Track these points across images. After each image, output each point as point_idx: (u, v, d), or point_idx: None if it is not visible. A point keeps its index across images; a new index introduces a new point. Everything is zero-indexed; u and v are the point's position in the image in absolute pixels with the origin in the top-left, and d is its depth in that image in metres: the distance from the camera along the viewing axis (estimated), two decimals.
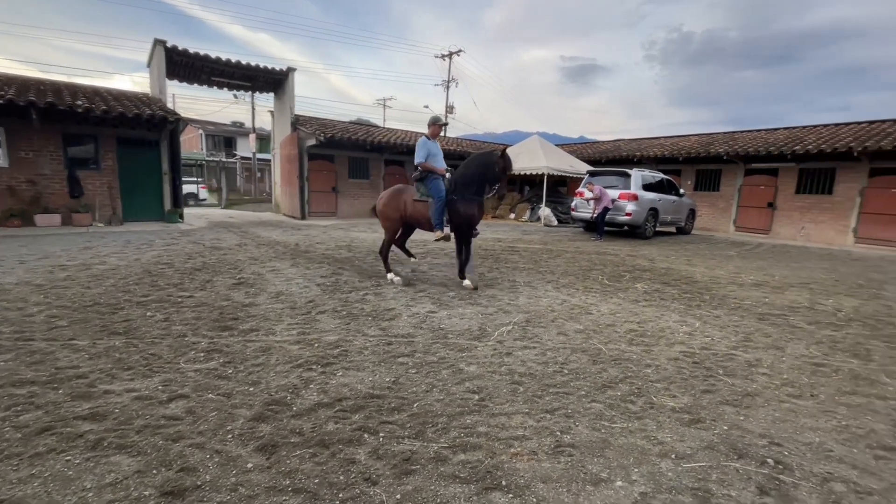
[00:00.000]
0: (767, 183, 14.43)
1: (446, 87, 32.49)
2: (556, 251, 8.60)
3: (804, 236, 13.42)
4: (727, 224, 15.44)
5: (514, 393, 2.60)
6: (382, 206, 5.42)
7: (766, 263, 8.17)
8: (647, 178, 11.64)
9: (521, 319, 4.03)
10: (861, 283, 6.54)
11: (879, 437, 2.27)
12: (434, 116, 5.44)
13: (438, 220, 5.07)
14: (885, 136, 12.17)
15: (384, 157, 17.03)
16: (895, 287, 6.31)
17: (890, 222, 11.92)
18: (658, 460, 2.00)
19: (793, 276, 6.91)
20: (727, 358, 3.29)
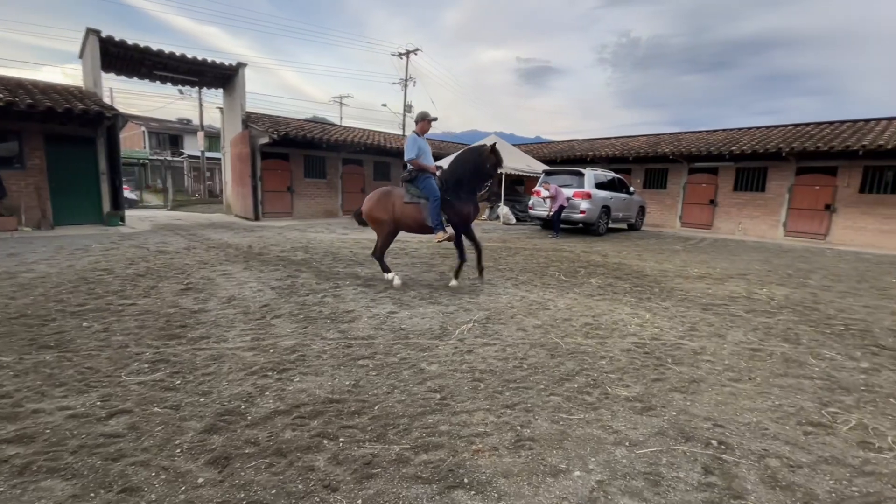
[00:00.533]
0: (709, 181, 15.37)
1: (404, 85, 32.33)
2: (514, 249, 8.76)
3: (741, 231, 14.41)
4: (674, 220, 16.31)
5: (476, 390, 2.62)
6: (370, 209, 5.13)
7: (708, 257, 8.70)
8: (599, 177, 12.10)
9: (481, 317, 4.07)
10: (790, 272, 7.10)
11: (807, 413, 2.47)
12: (423, 112, 5.11)
13: (437, 221, 4.86)
14: (809, 138, 13.29)
15: (342, 156, 16.71)
16: (819, 276, 6.90)
17: (813, 217, 13.04)
18: (613, 448, 2.08)
19: (732, 268, 7.40)
20: (675, 347, 3.47)
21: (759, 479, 1.88)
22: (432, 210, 4.82)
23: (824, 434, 2.26)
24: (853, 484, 1.87)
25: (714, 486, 1.82)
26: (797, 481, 1.87)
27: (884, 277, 6.97)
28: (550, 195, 11.16)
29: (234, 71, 13.96)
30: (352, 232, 11.03)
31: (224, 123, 16.73)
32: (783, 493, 1.80)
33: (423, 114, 5.10)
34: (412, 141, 4.98)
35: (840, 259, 9.07)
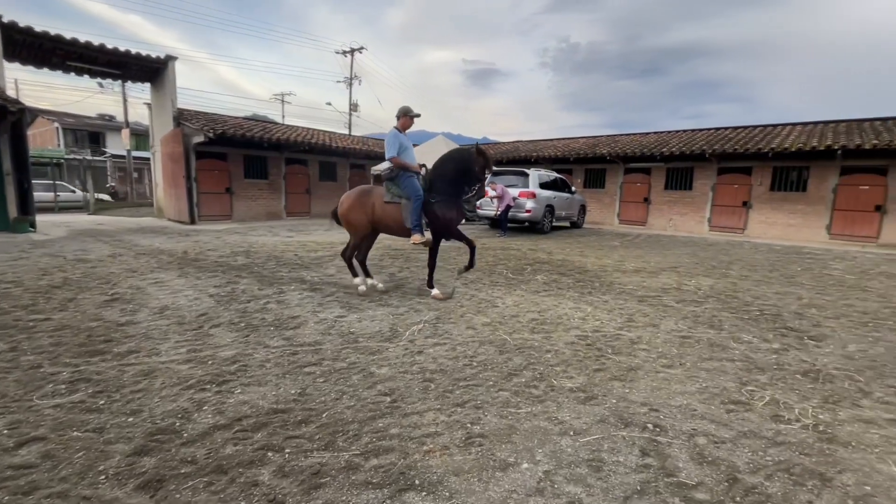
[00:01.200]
0: (643, 181, 16.38)
1: (349, 84, 31.71)
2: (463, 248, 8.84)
3: (672, 226, 15.49)
4: (612, 218, 17.23)
5: (426, 391, 2.63)
6: (346, 210, 4.82)
7: (643, 252, 9.27)
8: (543, 177, 12.52)
9: (431, 317, 4.08)
10: (714, 265, 7.74)
11: (730, 393, 2.70)
12: (404, 107, 4.78)
13: (417, 223, 4.59)
14: (728, 141, 14.55)
15: (284, 156, 16.09)
16: (738, 267, 7.57)
17: (733, 213, 14.29)
18: (559, 438, 2.16)
19: (664, 261, 7.93)
20: (614, 338, 3.66)
21: (689, 457, 2.03)
22: (413, 211, 4.56)
23: (743, 411, 2.48)
24: (767, 454, 2.07)
25: (650, 467, 1.95)
26: (721, 456, 2.04)
27: (791, 266, 7.77)
28: (497, 195, 11.41)
29: (162, 64, 13.01)
30: (297, 234, 10.66)
31: (153, 121, 15.55)
32: (709, 467, 1.96)
33: (405, 109, 4.77)
34: (393, 137, 4.66)
35: (755, 251, 10.00)
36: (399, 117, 4.77)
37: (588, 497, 1.75)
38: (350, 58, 31.17)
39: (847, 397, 2.68)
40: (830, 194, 12.83)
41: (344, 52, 31.30)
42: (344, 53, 31.33)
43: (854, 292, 5.72)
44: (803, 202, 13.22)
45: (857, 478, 1.91)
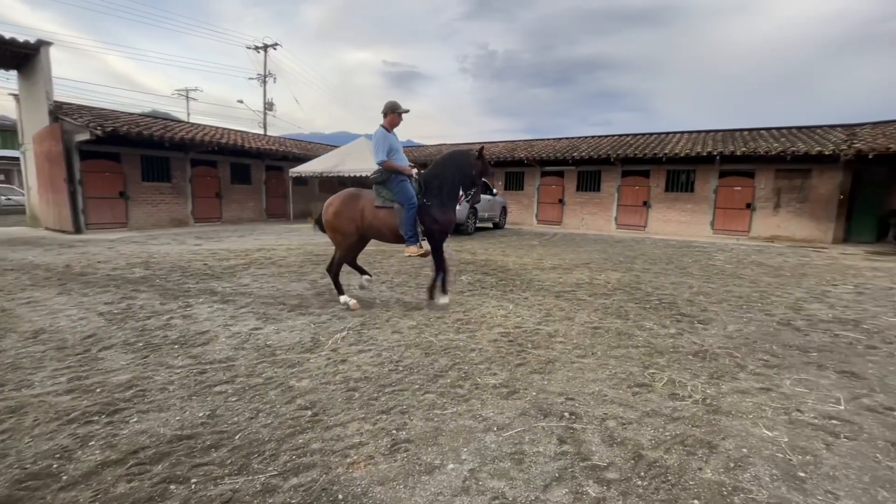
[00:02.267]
0: (557, 183, 17.45)
1: (263, 81, 29.99)
2: (389, 252, 8.77)
3: (584, 225, 16.68)
4: (531, 218, 18.12)
5: (350, 400, 2.55)
6: (332, 215, 4.44)
7: (559, 250, 9.86)
8: None
9: (355, 324, 3.98)
10: (621, 259, 8.46)
11: (635, 377, 2.95)
12: (392, 103, 4.35)
13: (412, 232, 4.27)
14: (629, 146, 16.00)
15: (190, 157, 14.77)
16: (641, 261, 8.34)
17: (635, 212, 15.75)
18: (483, 435, 2.21)
19: (578, 258, 8.50)
20: (534, 333, 3.84)
21: (601, 440, 2.18)
22: (406, 219, 4.24)
23: (646, 392, 2.73)
24: (666, 430, 2.29)
25: (567, 454, 2.06)
26: (628, 436, 2.22)
27: (683, 259, 8.74)
28: None
29: (32, 50, 11.28)
30: (206, 242, 9.83)
31: (22, 115, 13.44)
32: (618, 448, 2.12)
33: (393, 104, 4.34)
34: (382, 138, 4.25)
35: (655, 246, 11.10)
36: (386, 114, 4.36)
37: (511, 490, 1.80)
38: (263, 54, 29.50)
39: (728, 372, 3.05)
40: (712, 194, 14.64)
41: (256, 48, 29.55)
42: (256, 49, 29.58)
43: (732, 279, 6.57)
44: (692, 202, 14.94)
45: (736, 442, 2.18)
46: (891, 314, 4.72)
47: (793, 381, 2.92)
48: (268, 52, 29.46)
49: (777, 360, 3.29)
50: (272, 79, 30.36)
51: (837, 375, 3.03)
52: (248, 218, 17.18)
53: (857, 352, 3.52)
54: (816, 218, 13.23)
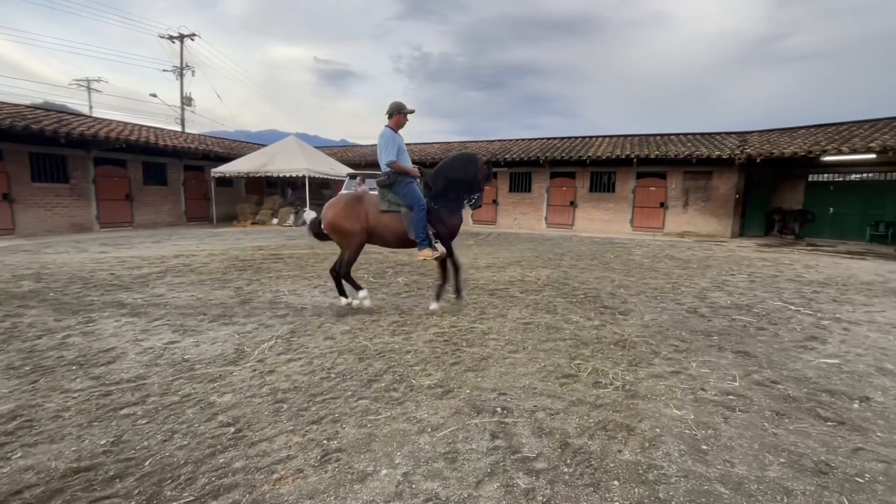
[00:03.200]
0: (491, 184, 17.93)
1: (180, 74, 27.73)
2: (323, 255, 8.49)
3: (517, 225, 17.29)
4: (467, 218, 18.45)
5: (278, 412, 2.42)
6: (333, 218, 4.22)
7: (493, 249, 10.13)
8: None
9: (285, 331, 3.79)
10: (550, 257, 8.86)
11: (562, 369, 3.10)
12: (397, 103, 4.23)
13: (423, 235, 4.14)
14: (557, 149, 16.82)
15: (93, 155, 13.30)
16: (568, 258, 8.80)
17: (563, 211, 16.61)
18: (417, 437, 2.20)
19: (510, 256, 8.79)
20: (468, 331, 3.90)
21: (531, 432, 2.26)
22: (417, 222, 4.12)
23: (573, 382, 2.87)
24: (590, 417, 2.43)
25: (499, 448, 2.11)
26: (556, 425, 2.33)
27: (606, 255, 9.35)
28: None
29: None
30: (115, 249, 8.89)
31: None
32: (547, 438, 2.21)
33: (398, 105, 4.22)
34: (390, 138, 4.12)
35: (581, 243, 11.77)
36: (391, 115, 4.23)
37: (444, 490, 1.81)
38: (180, 44, 27.28)
39: (644, 359, 3.31)
40: (631, 194, 15.82)
41: (171, 38, 27.26)
42: (171, 39, 27.29)
43: (648, 273, 7.14)
44: (613, 201, 16.04)
45: (650, 423, 2.36)
46: (776, 299, 5.38)
47: (698, 364, 3.22)
48: (184, 43, 27.30)
49: (685, 345, 3.62)
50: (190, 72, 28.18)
51: (734, 355, 3.40)
52: (165, 222, 15.81)
53: (749, 333, 3.97)
54: (718, 215, 14.77)
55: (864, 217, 13.75)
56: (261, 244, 10.17)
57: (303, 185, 15.74)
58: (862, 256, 10.03)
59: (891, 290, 6.12)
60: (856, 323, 4.36)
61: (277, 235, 12.50)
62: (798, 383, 2.90)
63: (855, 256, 10.01)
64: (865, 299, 5.45)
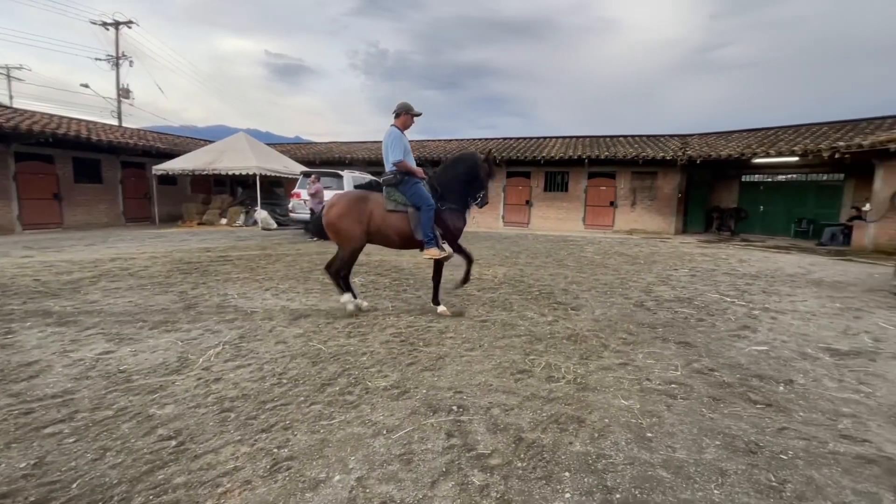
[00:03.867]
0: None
1: (115, 64, 25.83)
2: (275, 256, 8.20)
3: (475, 223, 17.47)
4: None
5: (224, 422, 2.30)
6: (338, 217, 4.15)
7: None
8: (357, 179, 12.53)
9: (233, 337, 3.62)
10: (507, 255, 9.02)
11: (517, 364, 3.16)
12: (405, 104, 4.22)
13: (431, 235, 4.14)
14: (513, 149, 17.14)
15: (13, 150, 12.15)
16: (524, 255, 9.00)
17: (520, 210, 16.97)
18: (372, 441, 2.16)
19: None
20: (426, 330, 3.90)
21: (486, 429, 2.29)
22: (425, 222, 4.11)
23: (527, 378, 2.93)
24: (543, 411, 2.49)
25: (455, 447, 2.12)
26: (510, 421, 2.36)
27: (560, 252, 9.64)
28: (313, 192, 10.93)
29: None
30: (40, 253, 8.15)
31: None
32: (501, 434, 2.24)
33: (406, 106, 4.22)
34: (397, 138, 4.10)
35: (536, 241, 12.06)
36: (398, 115, 4.22)
37: (399, 492, 1.79)
38: (115, 32, 25.40)
39: (594, 352, 3.43)
40: (583, 193, 16.40)
41: (105, 24, 25.34)
42: (105, 26, 25.36)
43: (599, 269, 7.43)
44: (566, 200, 16.56)
45: (600, 414, 2.45)
46: (713, 291, 5.76)
47: (644, 355, 3.38)
48: (120, 31, 25.46)
49: (633, 338, 3.79)
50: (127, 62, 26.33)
51: (676, 346, 3.60)
52: (101, 223, 14.72)
53: (690, 325, 4.22)
54: (663, 213, 15.61)
55: (789, 214, 15.00)
56: (208, 245, 9.67)
57: (254, 184, 15.12)
58: (787, 251, 10.94)
59: (811, 281, 6.71)
60: (782, 312, 4.74)
61: (226, 236, 11.94)
62: (732, 370, 3.11)
63: (781, 251, 10.90)
64: (790, 290, 5.94)
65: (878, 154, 10.84)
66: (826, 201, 14.21)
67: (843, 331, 4.10)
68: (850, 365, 3.25)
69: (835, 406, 2.59)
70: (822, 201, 14.29)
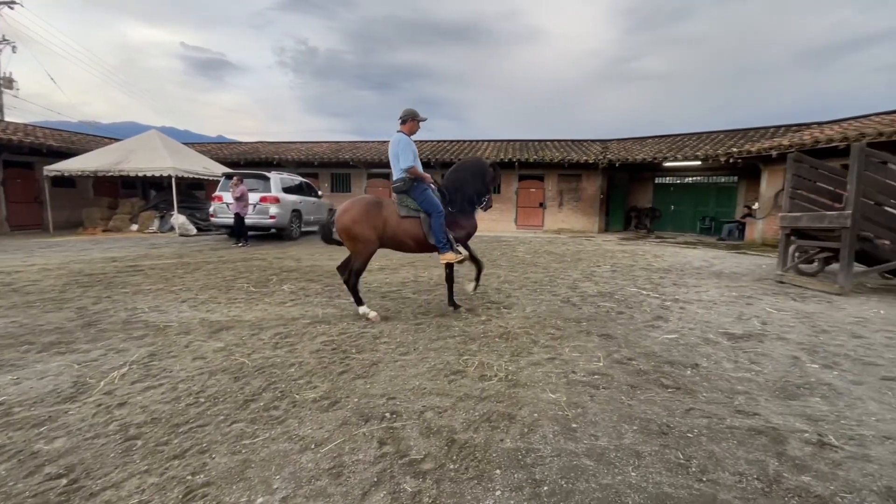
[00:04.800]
0: (385, 185, 17.79)
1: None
2: (194, 264, 7.60)
3: None
4: None
5: (129, 452, 2.08)
6: (352, 223, 4.13)
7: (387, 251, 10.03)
8: (286, 180, 11.99)
9: (142, 355, 3.29)
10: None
11: (451, 366, 3.17)
12: (411, 110, 4.31)
13: (444, 239, 4.27)
14: (447, 151, 17.36)
15: None
16: None
17: None
18: (299, 456, 2.06)
19: (404, 257, 8.77)
20: (359, 336, 3.80)
21: (419, 433, 2.27)
22: (437, 227, 4.24)
23: (460, 378, 2.96)
24: (476, 410, 2.52)
25: (387, 455, 2.07)
26: (443, 423, 2.37)
27: (494, 252, 9.89)
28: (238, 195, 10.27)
29: None
30: None
31: None
32: (434, 437, 2.23)
33: (413, 112, 4.32)
34: (407, 144, 4.17)
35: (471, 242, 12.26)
36: (406, 121, 4.32)
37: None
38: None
39: (525, 349, 3.55)
40: (514, 195, 16.99)
41: None
42: None
43: (530, 267, 7.72)
44: (499, 201, 17.04)
45: (529, 410, 2.53)
46: (632, 286, 6.21)
47: (570, 349, 3.56)
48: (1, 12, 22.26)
49: (560, 332, 3.97)
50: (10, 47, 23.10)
51: (599, 338, 3.83)
52: None
53: (611, 317, 4.51)
54: (587, 213, 16.60)
55: (695, 213, 16.63)
56: (115, 255, 8.73)
57: (169, 186, 13.90)
58: (694, 246, 12.11)
59: (713, 273, 7.48)
60: (689, 302, 5.23)
61: (137, 244, 10.86)
62: (647, 358, 3.36)
63: (689, 246, 12.05)
64: (696, 282, 6.57)
65: (763, 159, 12.35)
66: (724, 201, 15.94)
67: (738, 316, 4.61)
68: (743, 347, 3.65)
69: (731, 385, 2.89)
70: (721, 201, 16.01)
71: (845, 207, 5.78)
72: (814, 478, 1.92)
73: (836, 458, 2.07)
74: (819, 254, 6.74)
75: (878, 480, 1.90)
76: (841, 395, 2.76)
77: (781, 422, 2.41)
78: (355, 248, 4.28)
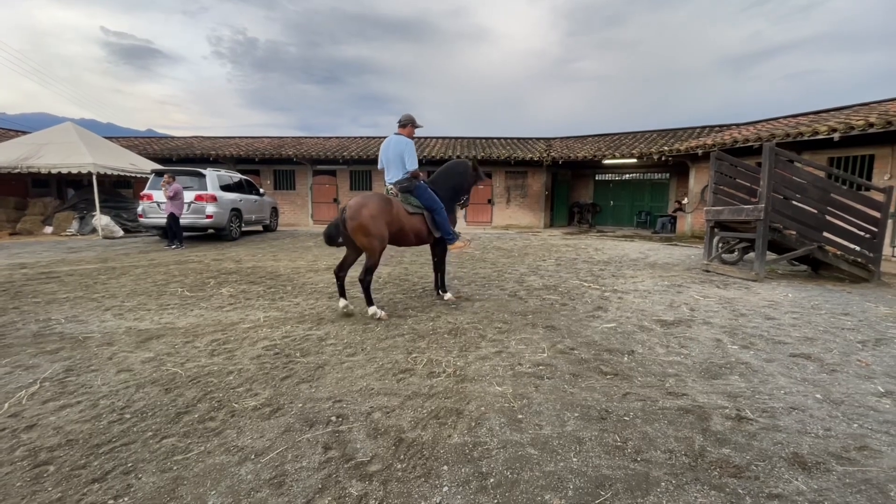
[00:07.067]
0: (331, 182, 17.34)
1: None
2: (120, 268, 7.00)
3: None
4: (306, 218, 17.50)
5: (38, 480, 1.87)
6: (370, 219, 4.12)
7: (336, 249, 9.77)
8: (224, 178, 11.35)
9: (56, 371, 2.98)
10: (392, 254, 8.99)
11: (400, 364, 3.15)
12: (410, 116, 4.70)
13: (451, 231, 4.75)
14: None
15: None
16: (410, 254, 9.07)
17: None
18: (238, 469, 1.95)
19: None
20: (304, 339, 3.67)
21: (366, 435, 2.23)
22: (442, 221, 4.66)
23: (409, 376, 2.94)
24: (424, 407, 2.51)
25: (332, 460, 2.02)
26: (391, 423, 2.34)
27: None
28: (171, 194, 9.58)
29: None
30: None
31: None
32: (382, 438, 2.20)
33: (411, 118, 4.71)
34: (411, 147, 4.55)
35: None
36: (406, 125, 4.69)
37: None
38: None
39: (473, 343, 3.59)
40: None
41: None
42: None
43: (479, 263, 7.83)
44: None
45: (477, 404, 2.56)
46: (574, 278, 6.47)
47: (517, 341, 3.64)
48: None
49: (507, 326, 4.06)
50: None
51: (544, 330, 3.95)
52: None
53: (555, 309, 4.67)
54: (533, 209, 17.09)
55: (632, 208, 17.62)
56: (23, 261, 7.85)
57: (90, 185, 12.71)
58: (631, 239, 12.83)
59: (648, 264, 7.96)
60: (626, 292, 5.53)
61: (52, 248, 9.84)
62: (588, 347, 3.52)
63: (627, 239, 12.75)
64: (632, 273, 6.97)
65: (691, 157, 13.31)
66: (658, 196, 17.02)
67: (670, 304, 4.94)
68: (674, 332, 3.91)
69: (663, 369, 3.09)
70: (656, 196, 17.09)
71: (759, 201, 6.36)
72: (733, 450, 2.09)
73: (752, 429, 2.27)
74: (739, 244, 7.37)
75: (786, 448, 2.11)
76: (756, 372, 3.03)
77: (706, 400, 2.60)
78: (371, 245, 4.24)
